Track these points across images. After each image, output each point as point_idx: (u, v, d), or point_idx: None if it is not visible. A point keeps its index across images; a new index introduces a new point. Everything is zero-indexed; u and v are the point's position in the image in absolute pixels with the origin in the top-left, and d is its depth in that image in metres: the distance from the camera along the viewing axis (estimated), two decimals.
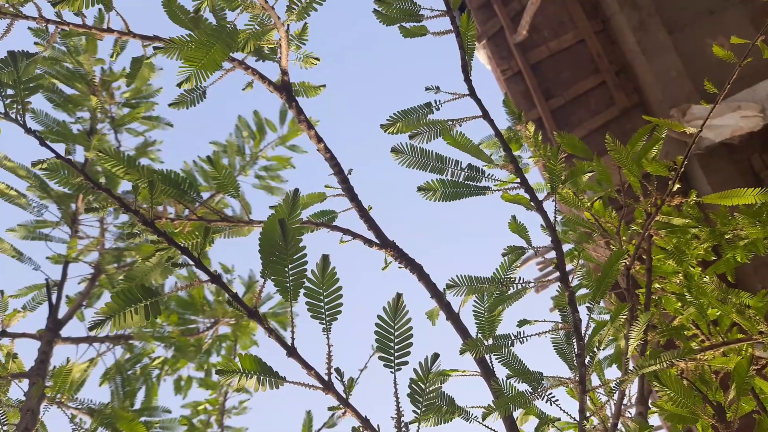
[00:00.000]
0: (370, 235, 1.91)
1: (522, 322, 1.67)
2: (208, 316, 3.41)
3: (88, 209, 1.10)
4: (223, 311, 3.49)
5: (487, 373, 1.89)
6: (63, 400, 2.30)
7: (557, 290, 1.93)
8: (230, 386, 3.52)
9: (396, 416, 1.11)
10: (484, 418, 1.57)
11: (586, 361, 1.58)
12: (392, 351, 1.14)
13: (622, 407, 2.06)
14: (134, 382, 2.53)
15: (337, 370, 1.04)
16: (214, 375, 3.57)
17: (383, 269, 1.97)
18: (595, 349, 1.73)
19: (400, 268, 1.92)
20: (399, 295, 1.18)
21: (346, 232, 1.90)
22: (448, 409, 1.79)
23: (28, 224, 2.81)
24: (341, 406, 1.05)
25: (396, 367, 1.14)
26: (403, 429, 1.10)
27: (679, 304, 2.54)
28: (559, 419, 1.97)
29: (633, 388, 2.83)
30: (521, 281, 1.59)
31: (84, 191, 1.80)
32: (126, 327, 1.03)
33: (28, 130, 1.03)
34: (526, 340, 1.57)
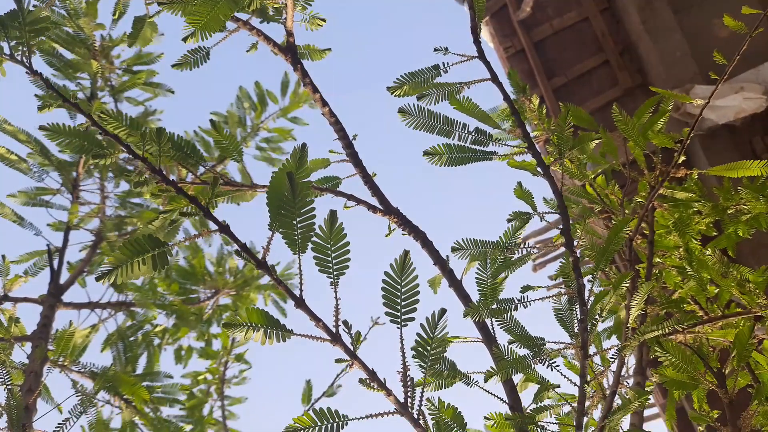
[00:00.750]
0: (374, 202, 1.90)
1: (525, 288, 1.68)
2: (208, 286, 3.42)
3: (95, 155, 1.08)
4: (224, 282, 3.50)
5: (489, 339, 1.90)
6: (65, 364, 2.32)
7: (560, 262, 1.93)
8: (230, 356, 3.54)
9: (402, 370, 1.12)
10: (486, 380, 1.59)
11: (588, 327, 1.59)
12: (399, 307, 1.14)
13: (620, 378, 2.08)
14: (136, 348, 2.54)
15: (345, 323, 1.04)
16: (214, 344, 3.60)
17: (386, 236, 1.97)
18: (597, 317, 1.74)
19: (403, 235, 1.92)
20: (406, 252, 1.18)
21: (350, 197, 1.89)
22: (450, 373, 1.80)
23: (29, 191, 2.79)
24: (349, 358, 1.05)
25: (402, 323, 1.14)
26: (409, 383, 1.11)
27: (680, 278, 2.55)
28: (558, 386, 1.99)
29: (630, 361, 2.86)
30: (525, 246, 1.59)
31: (86, 152, 1.78)
32: (133, 278, 1.02)
33: (34, 72, 1.01)
34: (529, 304, 1.58)
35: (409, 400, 1.10)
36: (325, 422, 1.13)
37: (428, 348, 1.11)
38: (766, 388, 1.56)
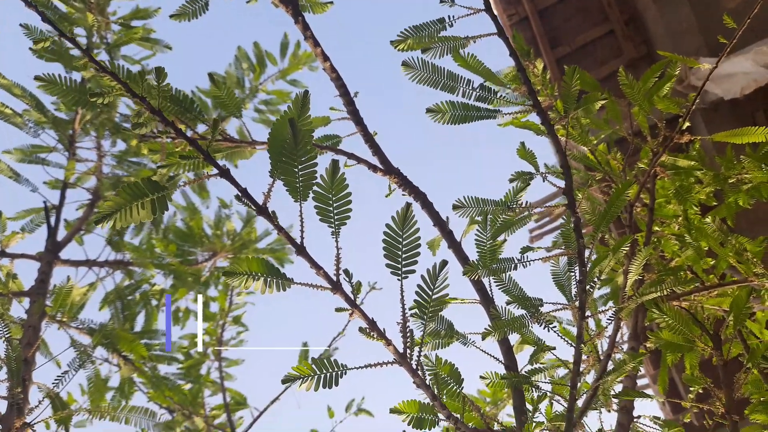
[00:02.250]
0: (375, 162, 1.88)
1: (524, 249, 1.68)
2: (206, 249, 3.42)
3: (92, 95, 1.06)
4: (222, 245, 3.50)
5: (486, 300, 1.91)
6: (64, 320, 2.33)
7: (559, 232, 1.93)
8: (227, 319, 3.57)
9: (402, 322, 1.12)
10: (483, 339, 1.60)
11: (587, 288, 1.59)
12: (400, 260, 1.14)
13: (615, 343, 2.09)
14: (134, 307, 2.55)
15: (346, 272, 1.03)
16: (212, 307, 3.61)
17: (386, 196, 1.96)
18: (595, 279, 1.74)
19: (403, 195, 1.91)
20: (408, 205, 1.17)
21: (350, 156, 1.87)
22: (447, 333, 1.81)
23: (25, 148, 2.76)
24: (349, 307, 1.05)
25: (403, 275, 1.14)
26: (408, 334, 1.11)
27: (678, 246, 2.55)
28: (554, 348, 2.01)
29: (625, 331, 2.89)
30: (527, 205, 1.58)
31: (82, 105, 1.75)
32: (132, 222, 1.01)
33: (29, 4, 0.98)
34: (529, 264, 1.58)
35: (408, 350, 1.11)
36: (324, 371, 1.13)
37: (428, 300, 1.11)
38: (759, 352, 1.58)
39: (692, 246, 2.44)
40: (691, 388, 2.16)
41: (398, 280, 1.14)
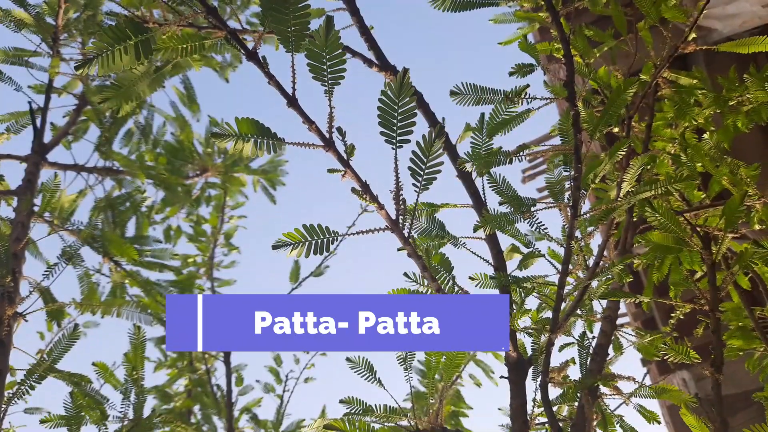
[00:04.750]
0: (371, 57, 1.82)
1: (521, 147, 1.65)
2: (197, 166, 3.37)
3: None
4: (213, 163, 3.45)
5: (479, 203, 1.90)
6: (53, 221, 2.31)
7: (546, 177, 1.89)
8: (219, 235, 3.57)
9: (395, 189, 1.10)
10: (474, 231, 1.60)
11: (581, 185, 1.58)
12: (395, 128, 1.11)
13: (604, 252, 2.11)
14: (125, 214, 2.53)
15: (339, 129, 1.00)
16: (203, 225, 3.61)
17: (381, 93, 1.90)
18: (590, 183, 1.73)
19: None
20: (405, 70, 1.13)
21: (345, 49, 1.81)
22: (439, 233, 1.81)
23: (7, 50, 2.65)
24: (341, 167, 1.03)
25: (398, 144, 1.11)
26: (401, 202, 1.10)
27: (673, 168, 2.54)
28: (543, 255, 2.02)
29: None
30: (527, 97, 1.54)
31: None
32: (115, 69, 0.97)
33: None
34: (524, 159, 1.56)
35: (401, 218, 1.09)
36: (315, 237, 1.12)
37: (423, 166, 1.09)
38: (747, 255, 1.59)
39: (687, 167, 2.43)
40: (672, 316, 2.20)
41: (392, 148, 1.11)
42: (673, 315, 2.27)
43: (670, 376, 4.74)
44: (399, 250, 2.01)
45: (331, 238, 1.12)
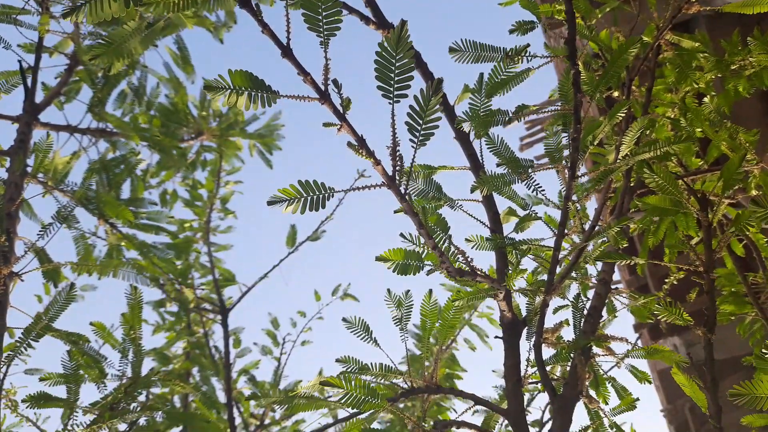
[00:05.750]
0: (368, 14, 1.78)
1: (520, 108, 1.63)
2: (192, 129, 3.33)
3: None
4: (207, 126, 3.41)
5: (476, 165, 1.89)
6: (47, 182, 2.29)
7: (544, 142, 1.87)
8: (216, 199, 3.56)
9: (391, 146, 1.09)
10: (471, 191, 1.59)
11: (579, 146, 1.57)
12: (392, 82, 1.09)
13: (601, 214, 2.11)
14: (120, 176, 2.50)
15: (335, 82, 0.98)
16: (200, 190, 3.59)
17: (377, 53, 1.87)
18: (588, 145, 1.72)
19: None
20: (403, 23, 1.10)
21: (342, 5, 1.77)
22: (435, 195, 1.80)
23: None
24: (337, 121, 1.01)
25: (395, 99, 1.09)
26: (398, 158, 1.09)
27: (672, 133, 2.53)
28: (540, 218, 2.02)
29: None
30: (528, 55, 1.51)
31: None
32: (104, 17, 0.94)
33: None
34: (523, 119, 1.54)
35: (398, 174, 1.08)
36: (311, 193, 1.11)
37: (420, 121, 1.07)
38: (744, 217, 1.59)
39: (686, 131, 2.41)
40: (665, 282, 2.21)
41: (389, 103, 1.09)
42: (666, 280, 2.30)
43: (662, 341, 4.82)
44: (396, 212, 2.01)
45: (326, 194, 1.11)
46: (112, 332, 2.00)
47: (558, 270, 1.69)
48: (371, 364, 1.70)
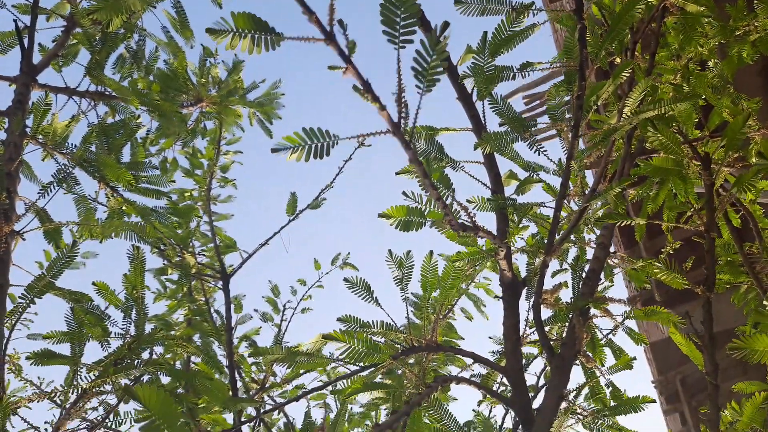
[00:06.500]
0: None
1: (525, 65, 1.62)
2: (191, 96, 3.30)
3: None
4: (207, 94, 3.38)
5: (479, 126, 1.88)
6: (47, 143, 2.28)
7: (547, 105, 1.86)
8: (216, 167, 3.55)
9: (397, 92, 1.08)
10: (474, 149, 1.59)
11: (582, 105, 1.56)
12: (398, 26, 1.08)
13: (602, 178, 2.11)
14: (120, 140, 2.49)
15: (340, 22, 0.97)
16: (200, 159, 3.58)
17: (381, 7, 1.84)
18: (592, 105, 1.71)
19: None
20: None
21: None
22: (438, 156, 1.80)
23: None
24: (343, 63, 1.00)
25: (400, 44, 1.08)
26: (403, 105, 1.08)
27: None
28: (541, 181, 2.03)
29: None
30: (533, 8, 1.50)
31: None
32: None
33: None
34: (528, 75, 1.53)
35: (403, 121, 1.08)
36: (315, 140, 1.11)
37: (426, 65, 1.06)
38: (747, 177, 1.60)
39: (689, 98, 2.40)
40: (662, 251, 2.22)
41: (395, 48, 1.08)
42: (663, 249, 2.31)
43: None
44: (397, 173, 2.00)
45: (330, 142, 1.11)
46: (114, 292, 2.01)
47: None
48: (372, 321, 1.71)
